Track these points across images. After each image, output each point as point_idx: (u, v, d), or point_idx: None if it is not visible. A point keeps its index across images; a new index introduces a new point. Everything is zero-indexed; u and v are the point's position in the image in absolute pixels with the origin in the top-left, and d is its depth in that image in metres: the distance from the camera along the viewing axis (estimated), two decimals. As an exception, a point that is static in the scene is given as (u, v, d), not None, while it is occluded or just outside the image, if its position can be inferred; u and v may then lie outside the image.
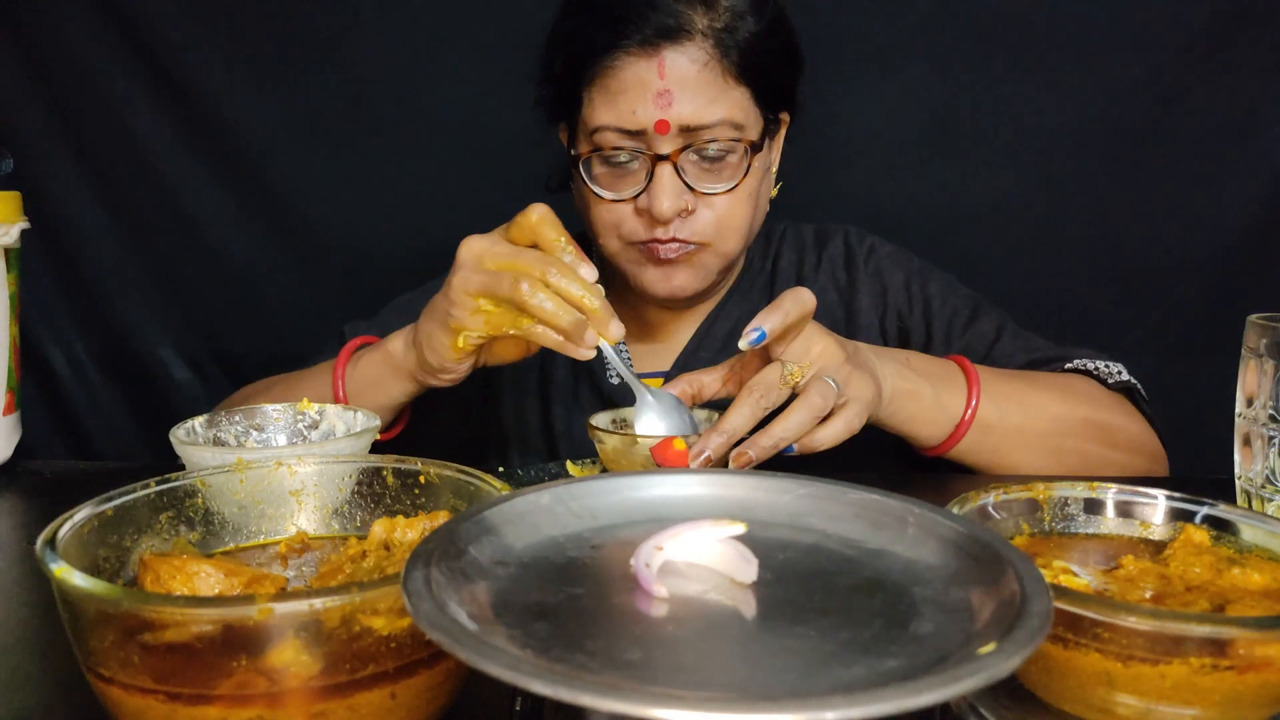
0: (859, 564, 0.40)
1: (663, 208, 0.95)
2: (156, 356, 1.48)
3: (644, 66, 0.93)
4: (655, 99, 0.93)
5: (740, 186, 0.98)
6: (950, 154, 1.38)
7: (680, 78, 0.93)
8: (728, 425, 0.78)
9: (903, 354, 0.93)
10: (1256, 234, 1.36)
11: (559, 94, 1.02)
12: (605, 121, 0.95)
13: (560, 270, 0.78)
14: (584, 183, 0.99)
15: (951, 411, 0.92)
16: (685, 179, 0.96)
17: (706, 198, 0.98)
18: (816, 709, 0.27)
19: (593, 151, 0.98)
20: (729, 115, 0.95)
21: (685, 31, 0.93)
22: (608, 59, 0.94)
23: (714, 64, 0.94)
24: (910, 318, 1.12)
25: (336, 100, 1.41)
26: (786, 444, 0.78)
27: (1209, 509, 0.53)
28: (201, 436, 0.73)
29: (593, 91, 0.97)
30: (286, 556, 0.54)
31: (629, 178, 0.98)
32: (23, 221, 0.89)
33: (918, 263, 1.15)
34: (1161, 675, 0.39)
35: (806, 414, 0.78)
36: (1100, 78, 1.33)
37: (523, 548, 0.41)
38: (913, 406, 0.90)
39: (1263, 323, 0.72)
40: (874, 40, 1.35)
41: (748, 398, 0.79)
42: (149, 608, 0.38)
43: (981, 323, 1.10)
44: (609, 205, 0.99)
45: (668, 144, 0.95)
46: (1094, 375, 1.04)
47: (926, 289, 1.13)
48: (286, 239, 1.45)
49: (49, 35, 1.37)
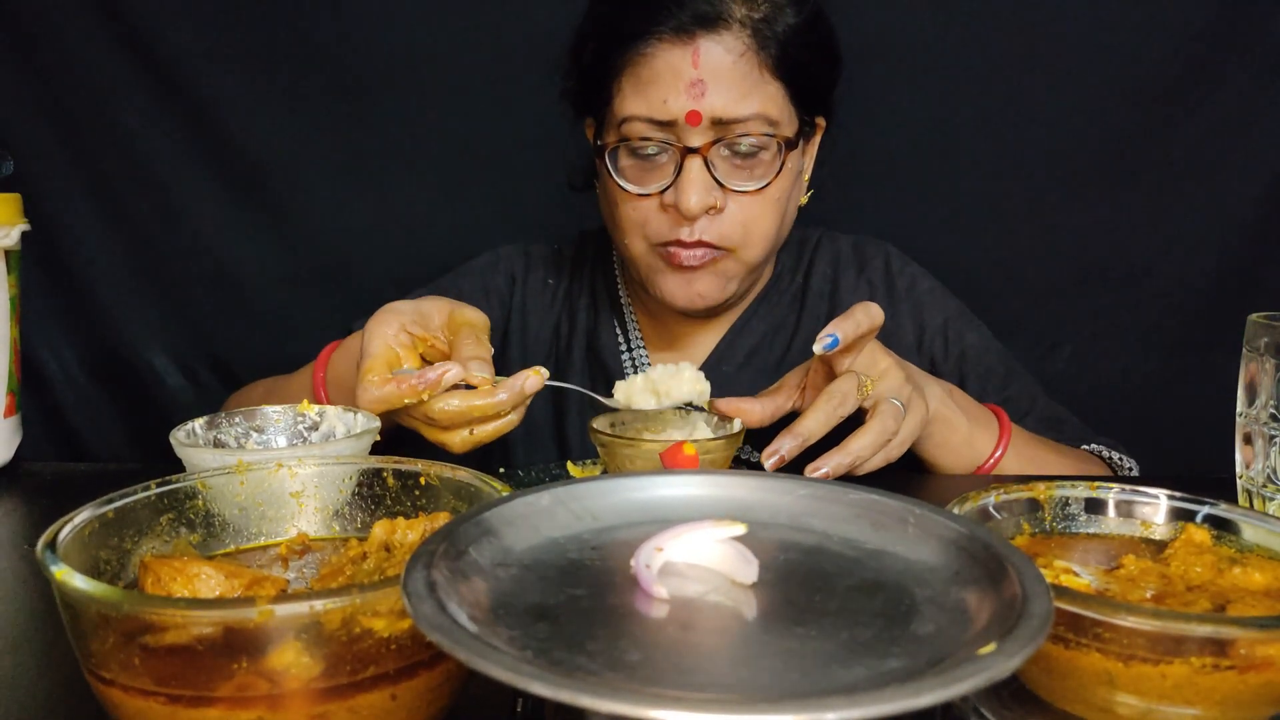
0: (859, 564, 0.40)
1: (690, 203, 0.91)
2: (152, 362, 1.47)
3: (678, 55, 0.90)
4: (688, 89, 0.89)
5: (771, 186, 0.94)
6: (950, 154, 1.38)
7: (715, 68, 0.89)
8: (803, 429, 0.79)
9: (947, 384, 0.93)
10: (1256, 234, 1.36)
11: (587, 85, 0.98)
12: (635, 111, 0.92)
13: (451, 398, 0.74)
14: (609, 176, 0.95)
15: (979, 451, 0.93)
16: (715, 175, 0.92)
17: (736, 196, 0.93)
18: (817, 709, 0.27)
19: (620, 142, 0.94)
20: (763, 110, 0.91)
21: (723, 20, 0.90)
22: (641, 46, 0.91)
23: (750, 55, 0.90)
24: (943, 365, 1.10)
25: (336, 106, 1.40)
26: (862, 461, 0.80)
27: (1210, 508, 0.53)
28: (202, 438, 0.73)
29: (623, 81, 0.93)
30: (287, 558, 0.54)
31: (656, 172, 0.94)
32: (23, 223, 0.89)
33: (955, 305, 1.13)
34: (1162, 675, 0.39)
35: (880, 435, 0.80)
36: (1101, 78, 1.33)
37: (523, 549, 0.40)
38: (946, 435, 0.91)
39: (1263, 322, 0.72)
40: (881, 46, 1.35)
41: (825, 404, 0.80)
42: (150, 610, 0.38)
43: (1014, 389, 1.09)
44: (634, 202, 0.95)
45: (699, 136, 0.91)
46: (1107, 462, 1.04)
47: (964, 338, 1.11)
48: (284, 244, 1.45)
49: (49, 39, 1.37)
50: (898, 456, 0.84)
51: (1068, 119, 1.35)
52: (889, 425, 0.80)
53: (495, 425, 0.77)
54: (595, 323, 1.13)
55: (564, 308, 1.15)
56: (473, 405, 0.74)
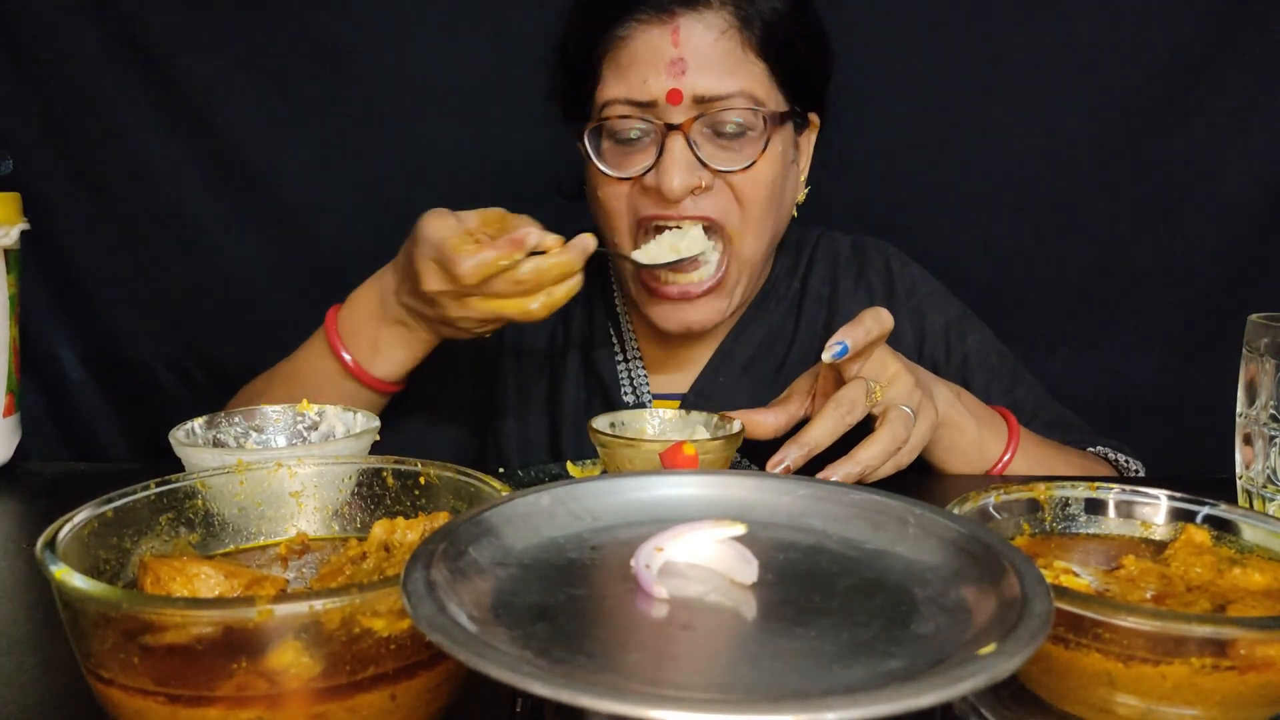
0: (859, 564, 0.40)
1: (672, 183, 0.89)
2: (149, 361, 1.47)
3: (657, 34, 0.89)
4: (668, 68, 0.88)
5: (759, 166, 0.91)
6: (950, 155, 1.38)
7: (696, 46, 0.88)
8: (810, 438, 0.78)
9: (956, 387, 0.93)
10: (1256, 234, 1.36)
11: (572, 79, 0.97)
12: (615, 95, 0.91)
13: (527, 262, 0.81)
14: (589, 159, 0.94)
15: (988, 455, 0.92)
16: (698, 154, 0.90)
17: (722, 175, 0.91)
18: (817, 709, 0.27)
19: (599, 124, 0.92)
20: (748, 87, 0.90)
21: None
22: (620, 29, 0.90)
23: (733, 33, 0.89)
24: (946, 368, 1.09)
25: (335, 108, 1.40)
26: (871, 470, 0.79)
27: (1210, 509, 0.53)
28: (201, 438, 0.73)
29: (604, 69, 0.92)
30: (286, 558, 0.54)
31: (639, 155, 0.92)
32: (22, 223, 0.89)
33: (957, 307, 1.12)
34: (1162, 675, 0.39)
35: (890, 444, 0.80)
36: (1101, 78, 1.33)
37: (523, 549, 0.40)
38: (956, 438, 0.90)
39: (1263, 322, 0.72)
40: (877, 42, 1.35)
41: (833, 412, 0.80)
42: (149, 610, 0.38)
43: (1020, 392, 1.09)
44: (615, 189, 0.93)
45: (680, 114, 0.89)
46: (1113, 464, 1.04)
47: (967, 341, 1.09)
48: (283, 245, 1.45)
49: (48, 39, 1.37)
50: (909, 463, 0.83)
51: (1068, 119, 1.35)
52: (899, 433, 0.80)
53: (567, 285, 0.83)
54: (590, 332, 1.12)
55: (559, 317, 1.14)
56: (552, 263, 0.81)
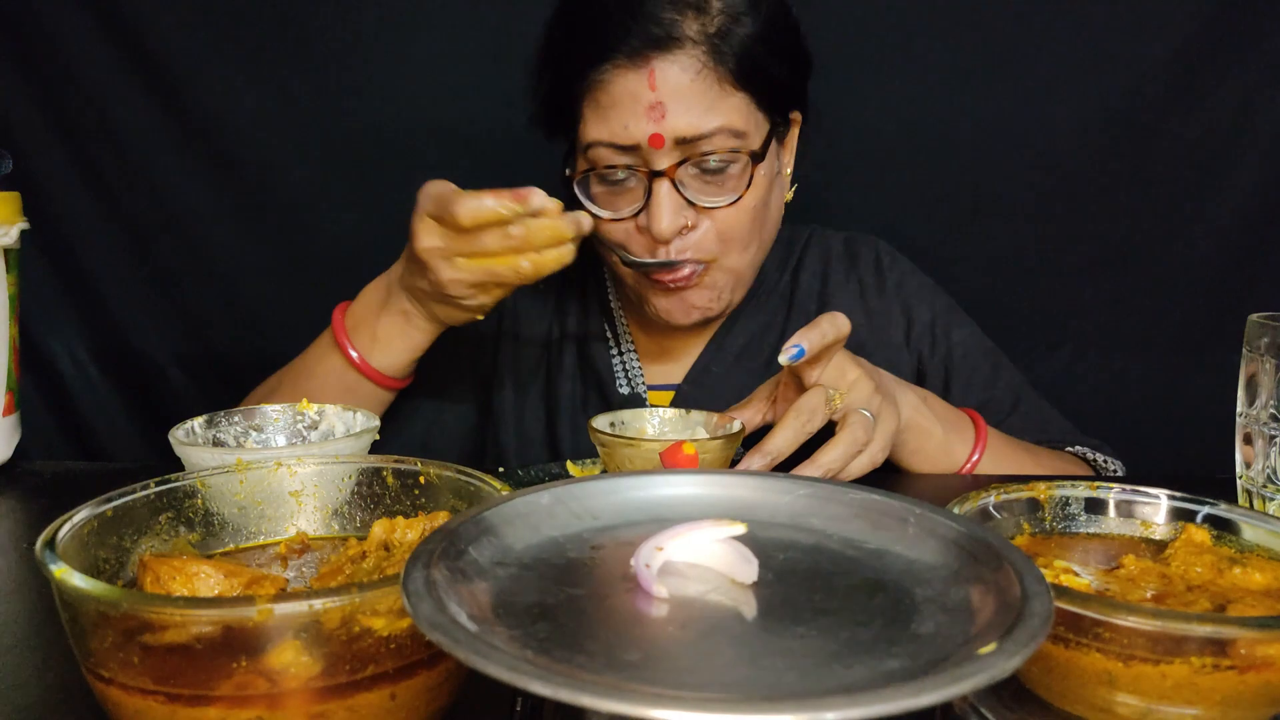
0: (859, 564, 0.40)
1: (662, 227, 0.91)
2: (153, 359, 1.47)
3: (633, 79, 0.89)
4: (647, 112, 0.89)
5: (745, 198, 0.94)
6: (949, 155, 1.38)
7: (673, 89, 0.89)
8: (772, 447, 0.79)
9: (922, 391, 0.94)
10: (1256, 234, 1.36)
11: (550, 111, 0.99)
12: (598, 137, 0.91)
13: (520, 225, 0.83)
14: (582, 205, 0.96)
15: (954, 458, 0.93)
16: (685, 194, 0.92)
17: (709, 212, 0.93)
18: (817, 709, 0.27)
19: (588, 170, 0.94)
20: (727, 123, 0.90)
21: (675, 40, 0.88)
22: (596, 74, 0.90)
23: (708, 72, 0.89)
24: (930, 360, 1.10)
25: (337, 105, 1.40)
26: (834, 473, 0.80)
27: (1210, 508, 0.53)
28: (201, 437, 0.73)
29: (584, 107, 0.93)
30: (286, 557, 0.54)
31: (627, 195, 0.94)
32: (22, 222, 0.89)
33: (944, 301, 1.13)
34: (1162, 675, 0.39)
35: (850, 447, 0.80)
36: (1100, 78, 1.33)
37: (523, 548, 0.40)
38: (921, 442, 0.91)
39: (1263, 322, 0.72)
40: (875, 39, 1.35)
41: (794, 421, 0.80)
42: (149, 609, 0.38)
43: (1000, 388, 1.09)
44: (610, 225, 0.96)
45: (664, 159, 0.90)
46: (1090, 464, 1.04)
47: (950, 335, 1.10)
48: (286, 243, 1.45)
49: (47, 37, 1.37)
50: (882, 459, 0.84)
51: (1066, 117, 1.35)
52: (859, 436, 0.81)
53: (557, 252, 0.84)
54: (586, 327, 1.13)
55: (555, 313, 1.15)
56: (543, 224, 0.82)
